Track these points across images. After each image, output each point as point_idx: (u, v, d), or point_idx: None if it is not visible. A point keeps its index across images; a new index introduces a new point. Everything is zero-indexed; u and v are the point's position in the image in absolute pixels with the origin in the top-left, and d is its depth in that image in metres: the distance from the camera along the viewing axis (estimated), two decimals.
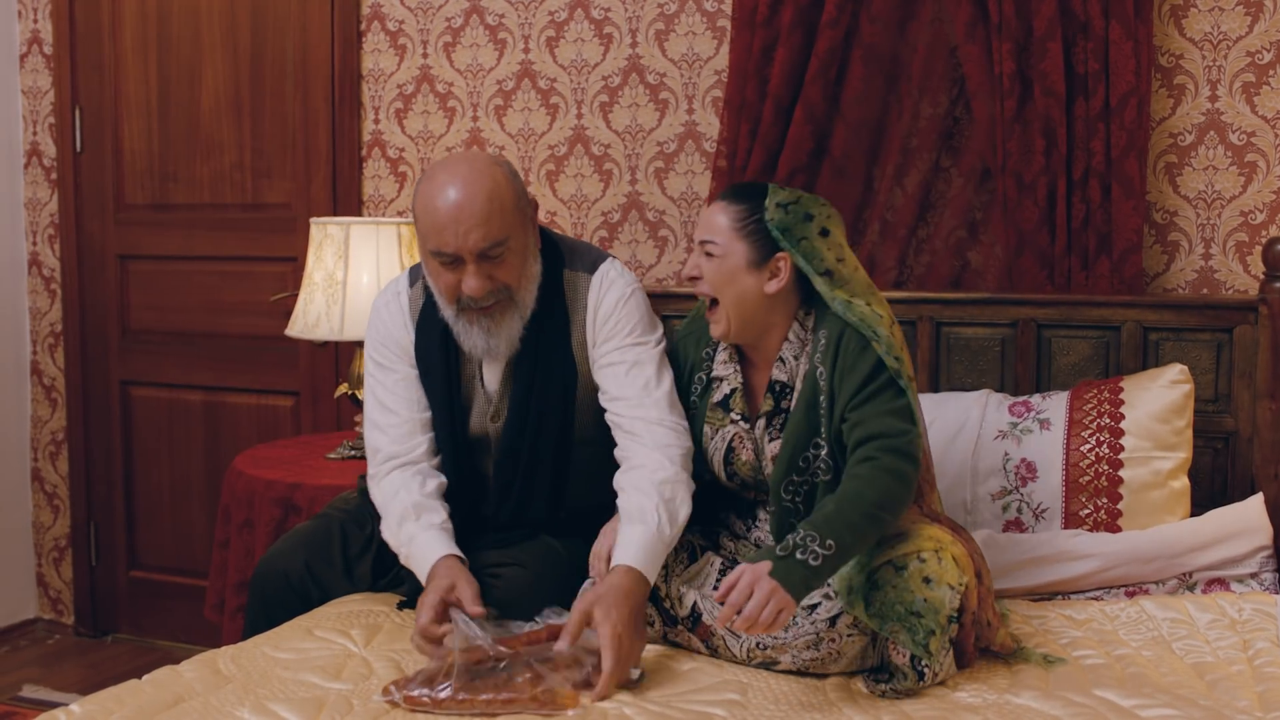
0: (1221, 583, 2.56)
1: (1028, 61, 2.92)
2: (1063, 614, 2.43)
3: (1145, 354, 2.84)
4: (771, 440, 2.30)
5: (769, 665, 2.16)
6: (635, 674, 2.08)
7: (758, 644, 2.15)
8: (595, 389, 2.44)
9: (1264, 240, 2.92)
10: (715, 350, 2.43)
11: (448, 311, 2.35)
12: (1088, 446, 2.67)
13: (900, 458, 2.12)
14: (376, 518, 2.46)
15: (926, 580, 2.05)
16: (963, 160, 3.12)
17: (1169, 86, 2.99)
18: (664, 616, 2.26)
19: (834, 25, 3.04)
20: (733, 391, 2.37)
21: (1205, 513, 2.64)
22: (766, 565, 1.98)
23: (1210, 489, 2.81)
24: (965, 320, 2.97)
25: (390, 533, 2.37)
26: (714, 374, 2.41)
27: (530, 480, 2.43)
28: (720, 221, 2.30)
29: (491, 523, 2.46)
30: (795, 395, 2.29)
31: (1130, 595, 2.54)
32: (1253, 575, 2.56)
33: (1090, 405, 2.71)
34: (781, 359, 2.31)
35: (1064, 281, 2.95)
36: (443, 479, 2.43)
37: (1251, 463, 2.78)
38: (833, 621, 2.11)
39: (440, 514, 2.36)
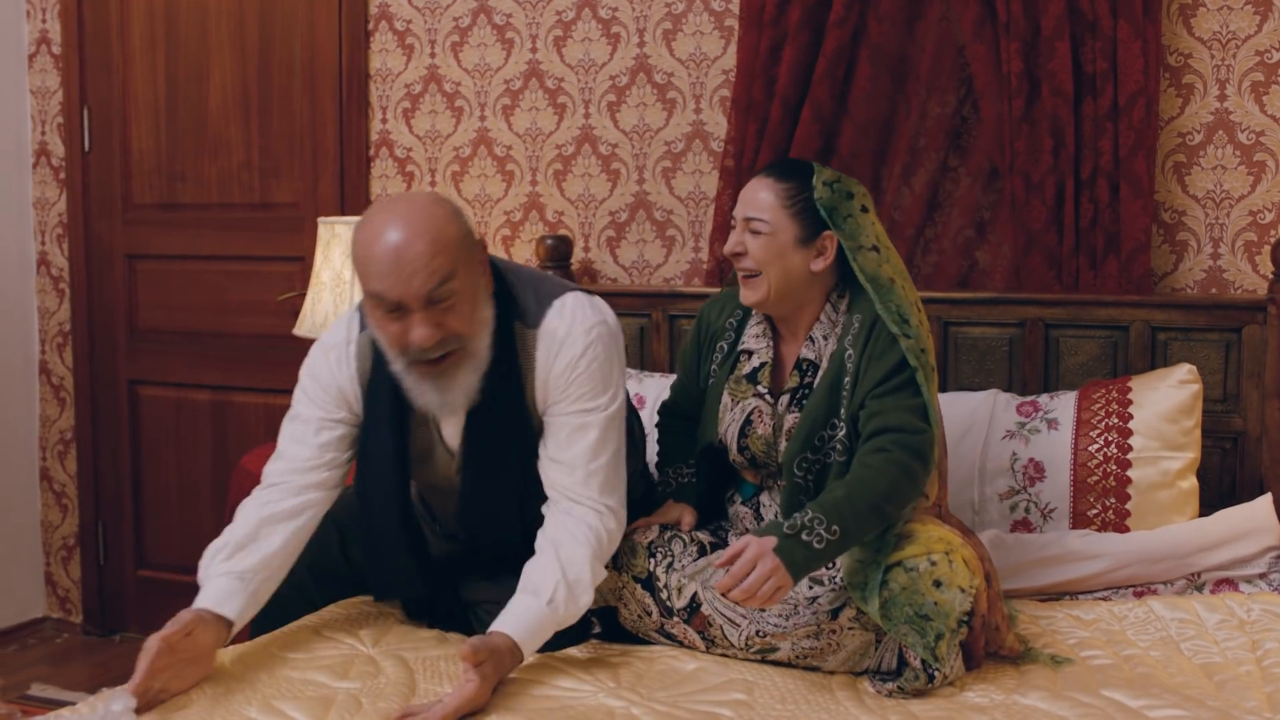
0: (1230, 583, 2.56)
1: (1036, 61, 2.91)
2: (1070, 614, 2.43)
3: (1153, 354, 2.84)
4: (792, 415, 2.30)
5: (767, 653, 2.17)
6: None
7: (757, 632, 2.16)
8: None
9: (1273, 240, 2.91)
10: (743, 322, 2.44)
11: (396, 365, 2.15)
12: (1096, 446, 2.67)
13: (913, 455, 2.13)
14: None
15: (937, 583, 2.05)
16: (970, 160, 3.11)
17: (1177, 86, 2.99)
18: (660, 607, 2.26)
19: (841, 25, 3.04)
20: (762, 365, 2.38)
21: (1214, 513, 2.64)
22: (772, 541, 2.00)
23: (1219, 489, 2.80)
24: (973, 320, 2.97)
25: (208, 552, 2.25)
26: (743, 346, 2.42)
27: (496, 526, 2.33)
28: (766, 199, 2.29)
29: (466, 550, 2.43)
30: (820, 374, 2.30)
31: (1138, 596, 2.54)
32: (1261, 576, 2.55)
33: (1098, 405, 2.70)
34: (811, 338, 2.33)
35: (1072, 281, 2.95)
36: (298, 524, 2.27)
37: (1260, 463, 2.77)
38: (835, 613, 2.12)
39: (245, 561, 2.20)
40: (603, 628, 2.37)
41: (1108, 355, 2.88)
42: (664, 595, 2.26)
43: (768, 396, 2.35)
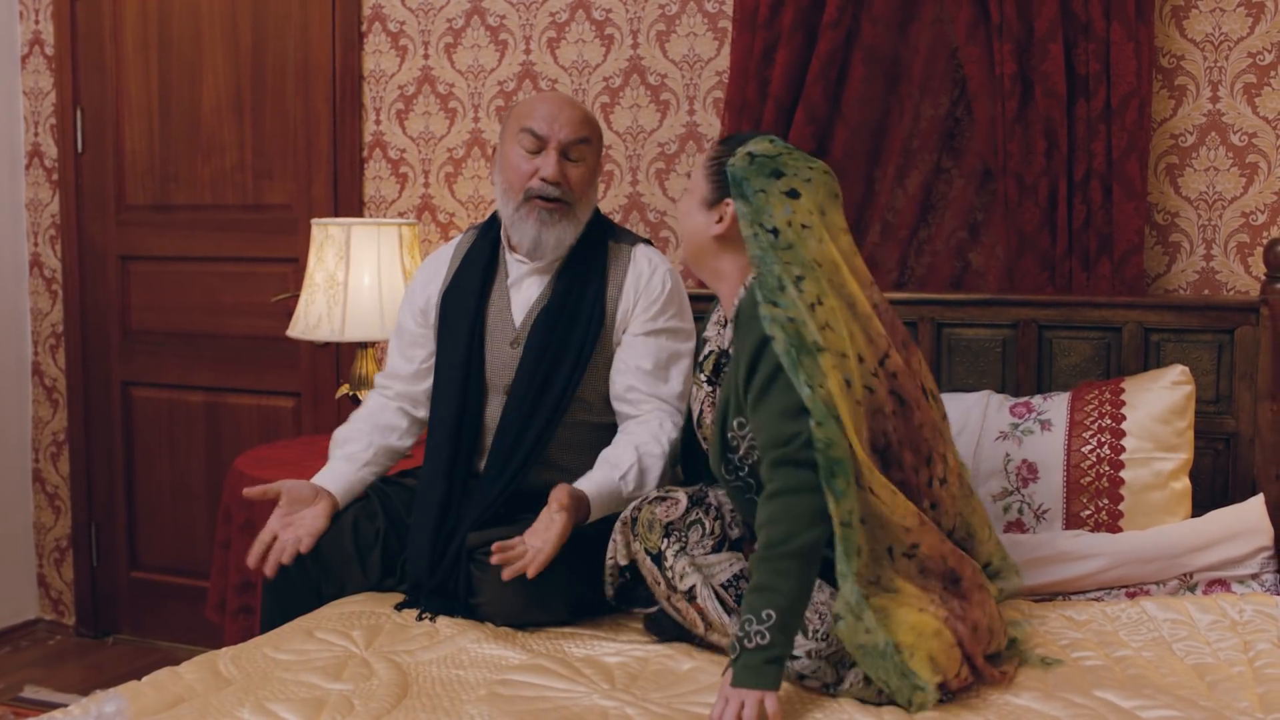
0: (1222, 583, 2.56)
1: (1029, 63, 2.92)
2: (1064, 615, 2.43)
3: (1146, 355, 2.84)
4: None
5: None
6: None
7: None
8: (609, 357, 2.56)
9: (1265, 241, 2.92)
10: (716, 311, 2.43)
11: (509, 206, 2.55)
12: (1089, 448, 2.67)
13: (792, 470, 2.00)
14: (387, 514, 2.56)
15: (902, 675, 1.97)
16: (964, 161, 3.12)
17: (1170, 88, 2.99)
18: (665, 582, 2.26)
19: (835, 26, 3.04)
20: (709, 354, 2.38)
21: (1206, 514, 2.64)
22: (728, 678, 1.94)
23: (1211, 490, 2.81)
24: (966, 321, 2.97)
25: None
26: (704, 333, 2.44)
27: (529, 419, 2.50)
28: (701, 158, 2.38)
29: (482, 481, 2.50)
30: (729, 363, 2.23)
31: (1131, 596, 2.54)
32: (1254, 576, 2.56)
33: (1091, 406, 2.71)
34: (730, 321, 2.26)
35: (1065, 282, 2.95)
36: (400, 420, 2.69)
37: (1252, 464, 2.78)
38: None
39: (352, 445, 2.63)
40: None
41: (1101, 356, 2.88)
42: (670, 575, 2.25)
43: (708, 386, 2.36)
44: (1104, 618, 2.41)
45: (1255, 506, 2.62)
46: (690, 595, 2.22)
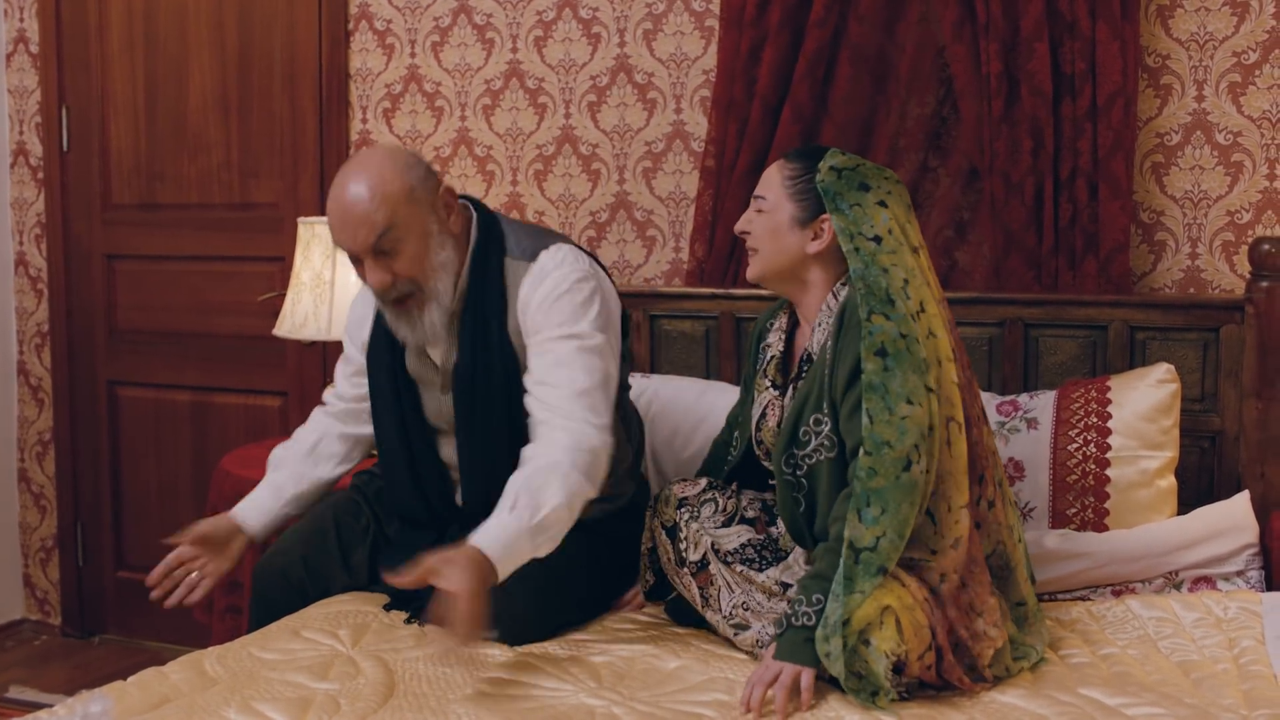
0: (1208, 581, 2.57)
1: (1015, 62, 2.92)
2: (1050, 616, 2.43)
3: (1132, 353, 2.85)
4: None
5: (739, 629, 2.23)
6: (492, 634, 2.18)
7: (743, 604, 2.24)
8: None
9: (1250, 240, 2.92)
10: (775, 318, 2.45)
11: (378, 302, 2.42)
12: (1075, 446, 2.68)
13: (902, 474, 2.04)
14: (372, 511, 2.56)
15: (866, 642, 1.98)
16: (950, 160, 3.12)
17: (1156, 86, 3.00)
18: (676, 555, 2.33)
19: (822, 25, 3.04)
20: (772, 358, 2.39)
21: (1191, 511, 2.65)
22: (772, 650, 2.04)
23: (1197, 488, 2.82)
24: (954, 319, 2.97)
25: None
26: (765, 341, 2.44)
27: (490, 457, 2.40)
28: (774, 177, 2.31)
29: (464, 512, 2.45)
30: (812, 365, 2.26)
31: (1117, 595, 2.55)
32: (1239, 573, 2.57)
33: (1078, 405, 2.71)
34: (815, 327, 2.29)
35: (1051, 281, 2.96)
36: (334, 446, 2.64)
37: (1238, 461, 2.79)
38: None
39: (281, 471, 2.59)
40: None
41: (1087, 355, 2.89)
42: (682, 546, 2.31)
43: (774, 390, 2.36)
44: (1089, 616, 2.42)
45: (1240, 504, 2.63)
46: (701, 564, 2.28)
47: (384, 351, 2.49)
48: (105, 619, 4.31)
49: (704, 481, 2.41)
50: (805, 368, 2.29)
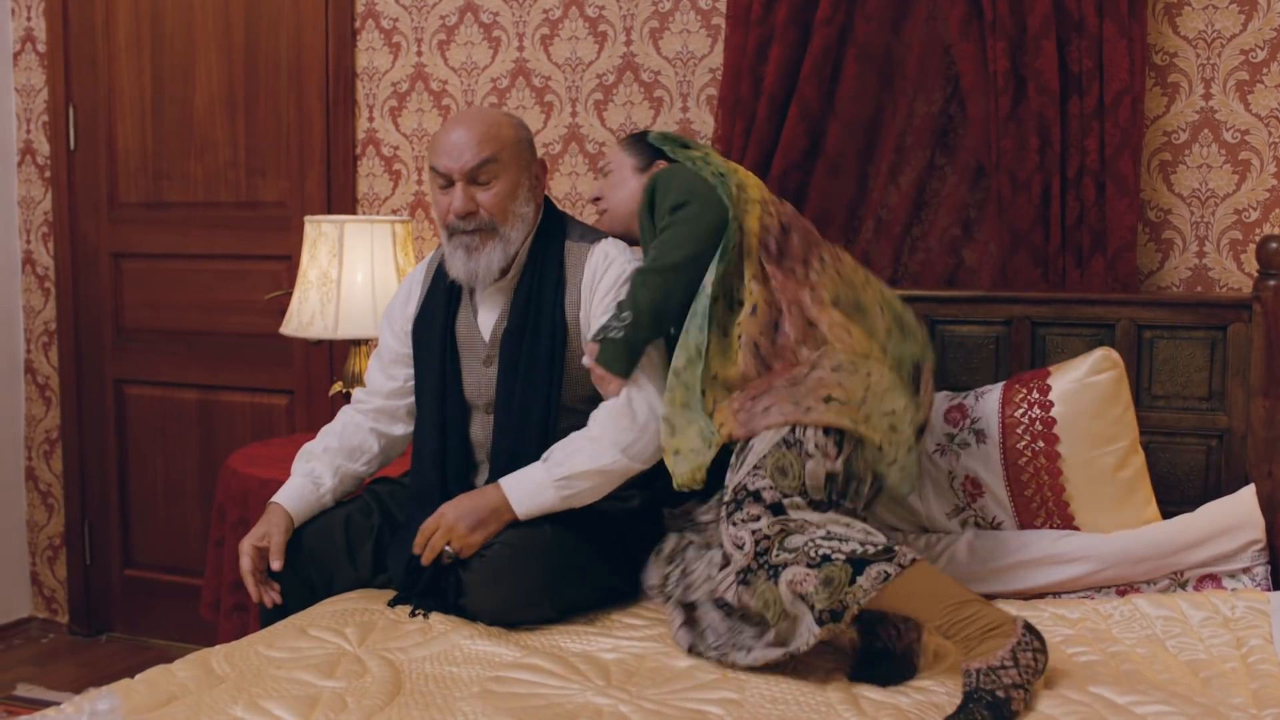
0: (1214, 579, 2.56)
1: (1022, 60, 2.92)
2: (1056, 613, 2.43)
3: (1139, 352, 2.84)
4: None
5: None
6: (448, 549, 2.37)
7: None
8: (582, 358, 2.51)
9: (1257, 238, 2.92)
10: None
11: (444, 240, 2.55)
12: (1024, 460, 2.65)
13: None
14: (382, 512, 2.58)
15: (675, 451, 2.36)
16: (957, 158, 3.12)
17: (1163, 84, 3.00)
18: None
19: (828, 23, 3.04)
20: None
21: (1197, 509, 2.64)
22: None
23: (1205, 486, 2.81)
24: (960, 318, 2.97)
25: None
26: None
27: (520, 437, 2.48)
28: (612, 150, 2.73)
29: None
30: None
31: (1122, 594, 2.55)
32: (1245, 570, 2.56)
33: (1021, 410, 2.67)
34: None
35: (1058, 279, 2.95)
36: (371, 442, 2.67)
37: (1246, 460, 2.78)
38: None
39: (317, 463, 2.60)
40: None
41: None
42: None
43: None
44: (1096, 615, 2.42)
45: (1245, 499, 2.62)
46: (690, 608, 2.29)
47: (434, 320, 2.59)
48: (112, 617, 4.32)
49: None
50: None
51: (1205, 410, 2.82)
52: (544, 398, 2.49)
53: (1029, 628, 1.99)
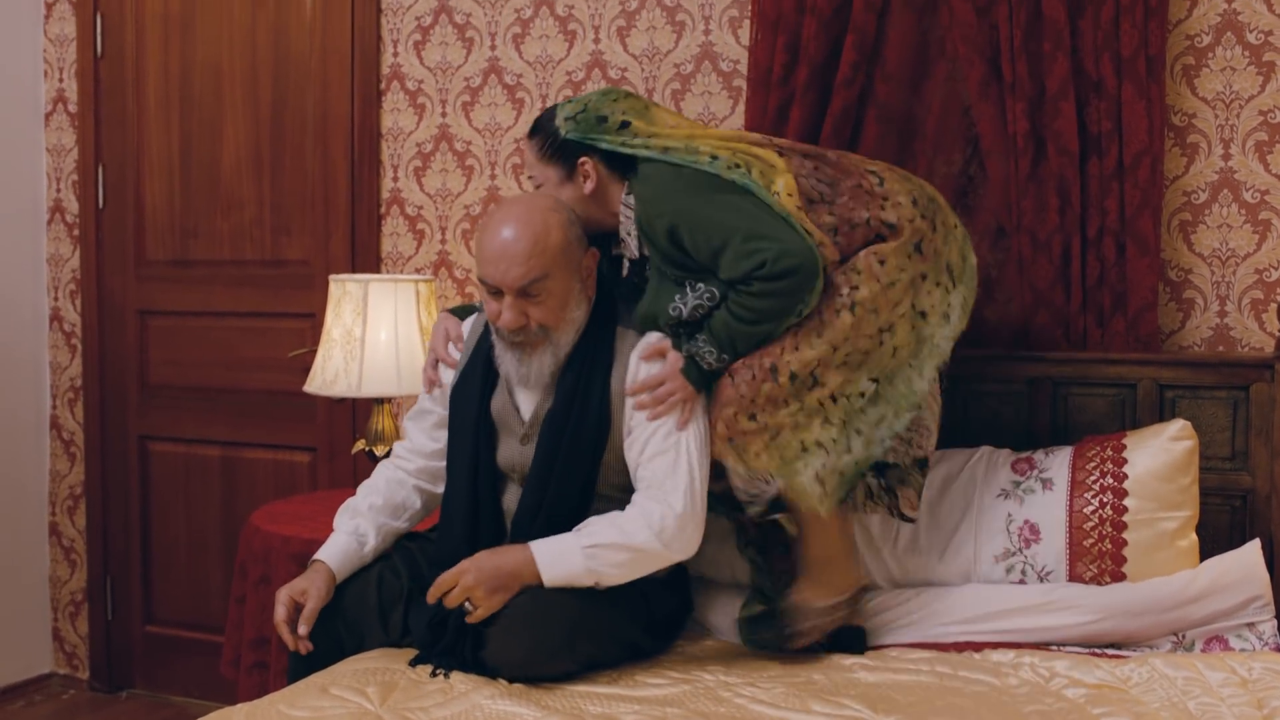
0: (1220, 639, 2.53)
1: (1041, 120, 2.94)
2: (1071, 676, 2.39)
3: (1161, 411, 2.84)
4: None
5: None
6: (467, 607, 2.35)
7: None
8: (620, 452, 2.49)
9: (1279, 298, 2.92)
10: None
11: (493, 336, 2.52)
12: (1091, 509, 2.65)
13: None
14: (410, 572, 2.56)
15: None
16: (977, 218, 3.13)
17: (1182, 145, 3.01)
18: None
19: (849, 85, 3.06)
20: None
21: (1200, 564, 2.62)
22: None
23: (1228, 547, 2.78)
24: (981, 376, 2.97)
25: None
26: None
27: (552, 515, 2.46)
28: (530, 158, 2.60)
29: None
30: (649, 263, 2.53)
31: (1135, 654, 2.51)
32: (1248, 626, 2.53)
33: (1093, 465, 2.69)
34: (622, 239, 2.57)
35: (1079, 339, 2.95)
36: (415, 500, 2.68)
37: (1270, 520, 2.77)
38: None
39: (362, 520, 2.59)
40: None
41: (1116, 413, 2.88)
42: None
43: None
44: (1113, 678, 2.38)
45: (1249, 553, 2.59)
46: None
47: (473, 390, 2.56)
48: (133, 673, 4.32)
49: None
50: (643, 269, 2.57)
51: (1228, 470, 2.81)
52: (581, 481, 2.47)
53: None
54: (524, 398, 2.55)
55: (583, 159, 2.52)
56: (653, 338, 2.50)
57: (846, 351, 2.42)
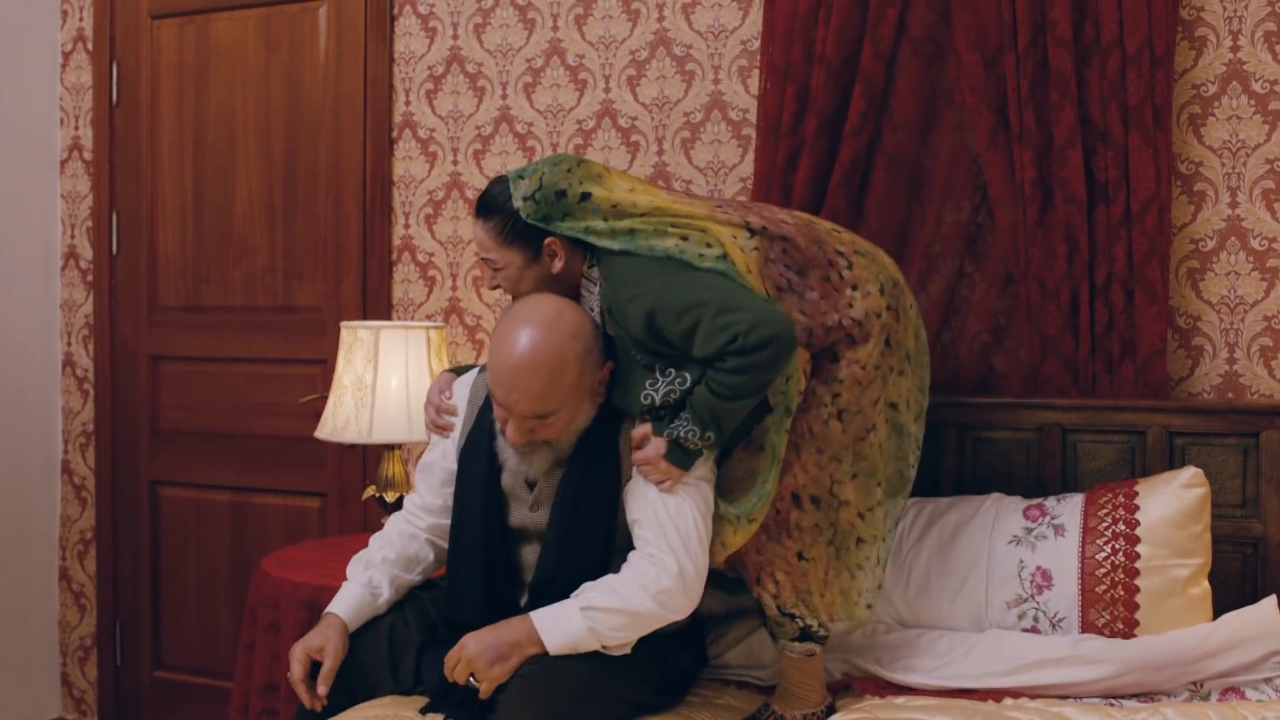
0: (1236, 691, 2.52)
1: (1049, 169, 2.96)
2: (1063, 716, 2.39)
3: (1171, 459, 2.84)
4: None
5: None
6: (471, 680, 2.30)
7: None
8: None
9: None
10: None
11: (496, 427, 2.47)
12: (1103, 555, 2.65)
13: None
14: (420, 623, 2.55)
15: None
16: (986, 266, 3.14)
17: (1189, 193, 3.03)
18: None
19: (857, 134, 3.09)
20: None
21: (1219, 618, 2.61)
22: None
23: (1240, 595, 2.78)
24: (991, 424, 2.98)
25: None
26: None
27: (571, 578, 2.42)
28: (486, 239, 2.48)
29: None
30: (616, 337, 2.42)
31: (1145, 701, 2.50)
32: (1266, 680, 2.52)
33: (1105, 511, 2.69)
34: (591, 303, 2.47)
35: (1089, 386, 2.96)
36: (428, 553, 2.64)
37: None
38: None
39: (376, 572, 2.56)
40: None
41: (1125, 460, 2.88)
42: None
43: None
44: None
45: (1266, 609, 2.59)
46: None
47: (479, 458, 2.51)
48: (142, 718, 4.31)
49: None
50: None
51: (1239, 518, 2.80)
52: (603, 535, 2.44)
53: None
54: (528, 466, 2.50)
55: (549, 239, 2.43)
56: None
57: (850, 461, 2.45)
